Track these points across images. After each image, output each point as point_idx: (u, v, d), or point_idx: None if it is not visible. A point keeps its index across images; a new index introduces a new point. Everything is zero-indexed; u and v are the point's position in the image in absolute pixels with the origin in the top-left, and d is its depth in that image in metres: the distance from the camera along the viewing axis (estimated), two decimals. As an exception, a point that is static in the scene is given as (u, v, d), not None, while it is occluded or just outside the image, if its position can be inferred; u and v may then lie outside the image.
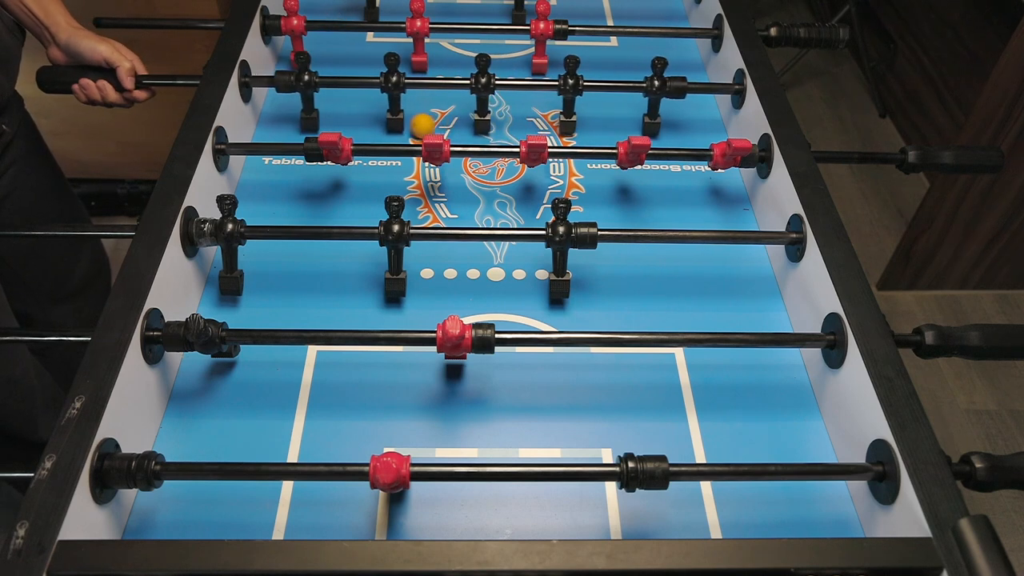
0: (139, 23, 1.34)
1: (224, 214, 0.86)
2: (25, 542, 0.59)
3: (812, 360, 0.85)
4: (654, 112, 1.15)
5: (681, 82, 1.11)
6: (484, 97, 1.12)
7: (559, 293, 0.91)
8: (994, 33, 2.20)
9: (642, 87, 1.11)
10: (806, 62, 2.88)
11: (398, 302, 0.91)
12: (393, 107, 1.13)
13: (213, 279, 0.93)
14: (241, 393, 0.82)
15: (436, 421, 0.80)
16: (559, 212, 0.87)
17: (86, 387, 0.69)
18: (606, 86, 1.12)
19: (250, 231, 0.87)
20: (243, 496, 0.73)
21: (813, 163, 0.96)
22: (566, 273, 0.90)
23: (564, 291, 0.91)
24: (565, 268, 0.90)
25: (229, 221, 0.86)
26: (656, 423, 0.81)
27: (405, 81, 1.10)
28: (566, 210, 0.87)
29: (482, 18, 1.34)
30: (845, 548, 0.61)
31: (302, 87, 1.08)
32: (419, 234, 0.88)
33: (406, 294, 0.91)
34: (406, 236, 0.86)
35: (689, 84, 1.11)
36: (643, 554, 0.60)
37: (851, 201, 2.45)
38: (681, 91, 1.11)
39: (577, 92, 1.11)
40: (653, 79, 1.11)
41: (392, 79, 1.09)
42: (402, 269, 0.89)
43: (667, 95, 1.12)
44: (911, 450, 0.68)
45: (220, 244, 0.87)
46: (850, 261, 0.84)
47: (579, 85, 1.10)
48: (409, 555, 0.59)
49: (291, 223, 0.99)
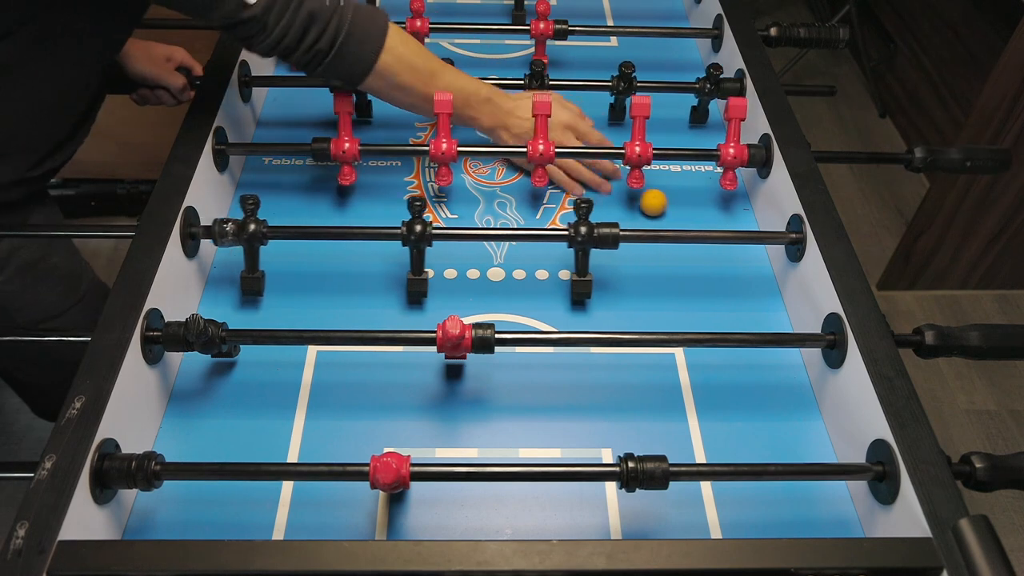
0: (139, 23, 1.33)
1: (247, 214, 0.86)
2: (25, 542, 0.59)
3: (812, 360, 0.85)
4: (703, 111, 1.16)
5: (736, 83, 1.11)
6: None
7: (581, 294, 0.91)
8: (994, 33, 2.20)
9: (694, 87, 1.12)
10: (806, 62, 2.88)
11: (419, 303, 0.91)
12: None
13: (213, 279, 0.93)
14: (241, 393, 0.82)
15: (436, 421, 0.80)
16: (581, 212, 0.87)
17: (86, 387, 0.69)
18: (660, 87, 1.12)
19: (272, 231, 0.87)
20: (243, 496, 0.73)
21: (813, 163, 0.96)
22: (588, 274, 0.90)
23: (586, 291, 0.90)
24: (587, 268, 0.90)
25: (252, 221, 0.86)
26: (656, 423, 0.81)
27: None
28: (588, 210, 0.87)
29: (482, 18, 1.34)
30: (845, 548, 0.61)
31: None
32: (441, 234, 0.88)
33: (427, 294, 0.91)
34: (428, 236, 0.86)
35: (732, 84, 1.12)
36: (643, 554, 0.60)
37: (851, 201, 2.45)
38: (735, 91, 1.11)
39: (631, 92, 1.11)
40: (706, 81, 1.11)
41: None
42: (424, 269, 0.89)
43: (719, 96, 1.12)
44: (911, 450, 0.68)
45: (242, 244, 0.87)
46: (850, 261, 0.84)
47: (633, 86, 1.11)
48: (409, 555, 0.59)
49: (291, 223, 0.99)
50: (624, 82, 1.10)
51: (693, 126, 1.18)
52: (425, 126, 1.16)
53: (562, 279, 0.95)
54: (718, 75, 1.10)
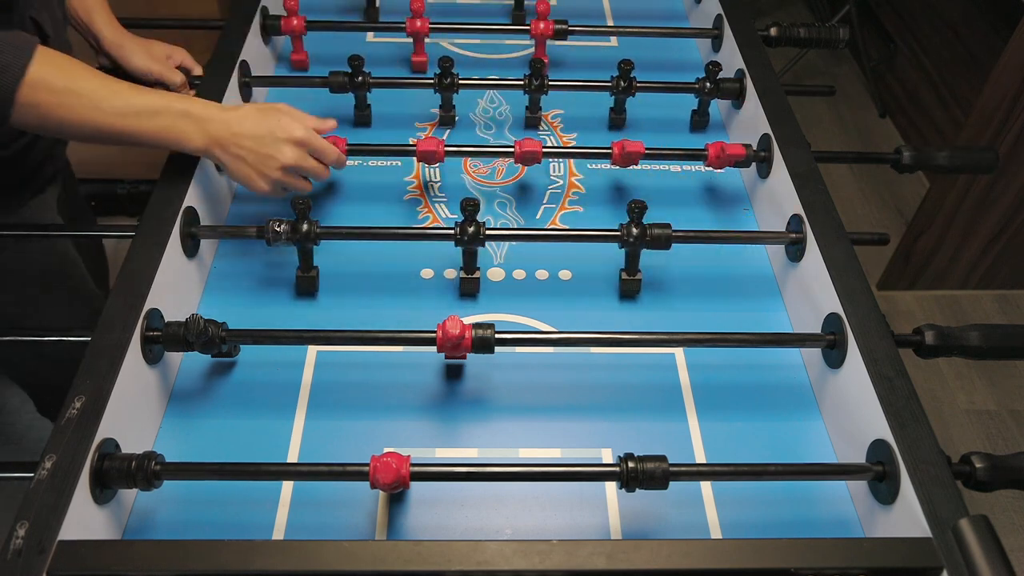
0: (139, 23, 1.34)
1: (299, 215, 0.86)
2: (25, 542, 0.59)
3: (812, 360, 0.85)
4: (703, 111, 1.16)
5: (735, 83, 1.11)
6: (536, 98, 1.14)
7: (630, 292, 0.92)
8: (994, 33, 2.20)
9: (694, 87, 1.12)
10: (806, 62, 2.88)
11: (474, 297, 0.92)
12: (445, 105, 1.14)
13: (213, 279, 0.93)
14: (241, 393, 0.82)
15: (436, 421, 0.80)
16: (634, 214, 0.87)
17: (86, 387, 0.69)
18: (656, 87, 1.13)
19: (325, 231, 0.88)
20: (243, 496, 0.73)
21: (813, 163, 0.96)
22: (637, 272, 0.91)
23: (635, 289, 0.92)
24: (637, 268, 0.91)
25: (305, 222, 0.86)
26: (656, 423, 0.81)
27: (459, 82, 1.10)
28: (641, 212, 0.87)
29: (482, 18, 1.34)
30: (845, 548, 0.61)
31: (357, 86, 1.09)
32: (495, 235, 0.89)
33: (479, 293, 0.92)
34: (481, 237, 0.87)
35: (736, 85, 1.12)
36: (643, 554, 0.60)
37: (851, 201, 2.45)
38: (735, 92, 1.12)
39: (630, 93, 1.12)
40: (705, 80, 1.11)
41: (446, 80, 1.09)
42: (476, 268, 0.91)
43: (720, 96, 1.12)
44: (911, 450, 0.68)
45: (295, 244, 0.87)
46: (850, 261, 0.84)
47: (632, 87, 1.11)
48: (409, 555, 0.59)
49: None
50: (624, 81, 1.11)
51: (695, 131, 1.18)
52: (425, 126, 1.16)
53: (562, 279, 0.95)
54: (717, 72, 1.10)
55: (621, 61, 1.09)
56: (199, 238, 0.89)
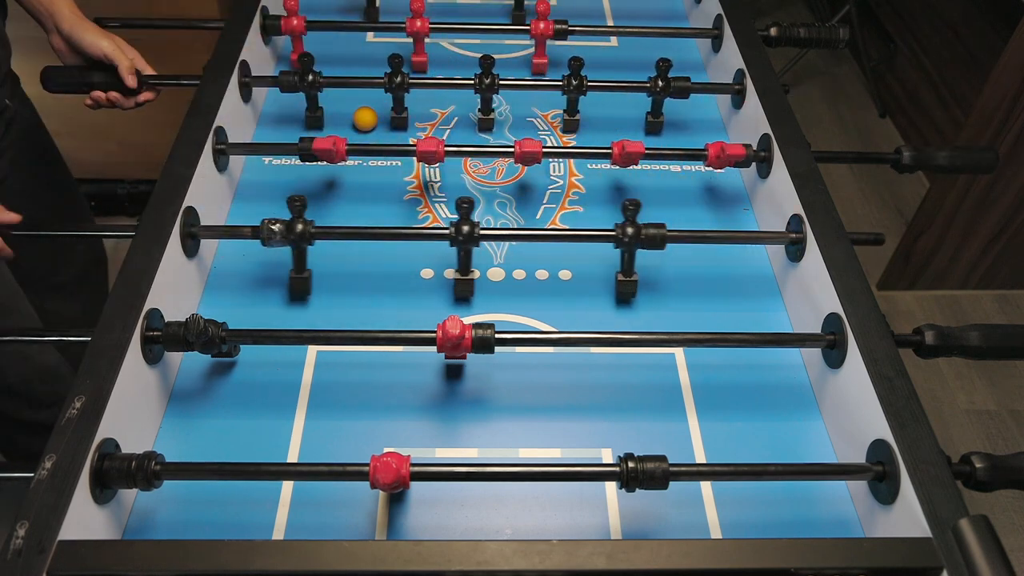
0: (139, 23, 1.34)
1: (295, 215, 0.86)
2: (25, 542, 0.59)
3: (812, 360, 0.85)
4: (657, 111, 1.15)
5: (685, 82, 1.11)
6: (488, 97, 1.13)
7: (627, 293, 0.92)
8: (994, 33, 2.20)
9: (646, 87, 1.12)
10: (806, 62, 2.88)
11: (467, 301, 0.92)
12: (397, 106, 1.13)
13: (213, 279, 0.93)
14: (241, 393, 0.82)
15: (436, 421, 0.80)
16: (629, 214, 0.87)
17: (86, 387, 0.69)
18: (610, 86, 1.12)
19: (319, 231, 0.87)
20: (243, 496, 0.73)
21: (813, 163, 0.96)
22: (633, 273, 0.91)
23: (632, 291, 0.91)
24: (633, 268, 0.90)
25: (299, 222, 0.86)
26: (656, 423, 0.81)
27: (409, 81, 1.10)
28: (635, 211, 0.87)
29: (482, 18, 1.34)
30: (845, 548, 0.61)
31: (306, 87, 1.08)
32: (489, 235, 0.89)
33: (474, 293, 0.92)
34: (476, 236, 0.87)
35: (691, 84, 1.12)
36: (643, 554, 0.60)
37: (851, 201, 2.45)
38: (684, 91, 1.11)
39: (581, 92, 1.11)
40: (657, 79, 1.11)
41: (396, 79, 1.09)
42: (471, 269, 0.90)
43: (671, 95, 1.12)
44: (911, 450, 0.68)
45: (290, 245, 0.87)
46: (850, 261, 0.84)
47: (583, 85, 1.10)
48: (409, 555, 0.59)
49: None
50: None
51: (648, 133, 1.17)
52: (425, 126, 1.16)
53: (562, 279, 0.95)
54: (667, 68, 1.09)
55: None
56: (199, 238, 0.89)
